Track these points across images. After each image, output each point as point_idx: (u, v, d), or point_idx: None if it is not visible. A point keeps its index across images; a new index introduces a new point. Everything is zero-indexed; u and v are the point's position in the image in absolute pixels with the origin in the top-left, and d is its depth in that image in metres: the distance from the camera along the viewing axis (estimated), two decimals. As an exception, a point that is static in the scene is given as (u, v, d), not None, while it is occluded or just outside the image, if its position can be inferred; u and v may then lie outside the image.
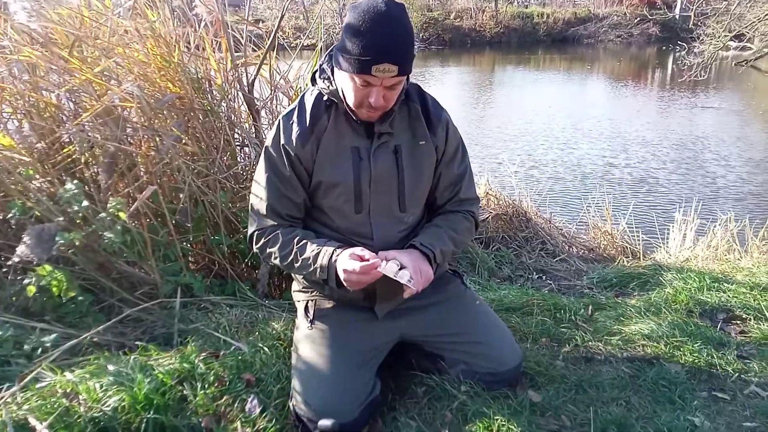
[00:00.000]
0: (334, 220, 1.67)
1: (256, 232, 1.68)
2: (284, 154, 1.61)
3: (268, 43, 2.48)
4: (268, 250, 1.64)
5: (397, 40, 1.42)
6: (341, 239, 1.65)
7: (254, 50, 2.56)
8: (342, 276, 1.50)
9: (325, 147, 1.60)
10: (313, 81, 1.65)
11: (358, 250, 1.52)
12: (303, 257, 1.57)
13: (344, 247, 1.55)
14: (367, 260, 1.48)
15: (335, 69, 1.54)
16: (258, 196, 1.67)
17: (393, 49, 1.41)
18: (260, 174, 1.67)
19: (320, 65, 1.63)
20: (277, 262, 1.64)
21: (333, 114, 1.61)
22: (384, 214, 1.66)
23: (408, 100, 1.66)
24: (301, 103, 1.64)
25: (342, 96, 1.55)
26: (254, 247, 1.70)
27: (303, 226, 1.72)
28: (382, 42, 1.40)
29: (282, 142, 1.61)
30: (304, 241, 1.60)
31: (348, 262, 1.48)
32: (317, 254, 1.55)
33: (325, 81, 1.60)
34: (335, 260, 1.52)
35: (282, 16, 2.50)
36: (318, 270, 1.55)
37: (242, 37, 2.56)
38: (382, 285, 1.57)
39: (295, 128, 1.60)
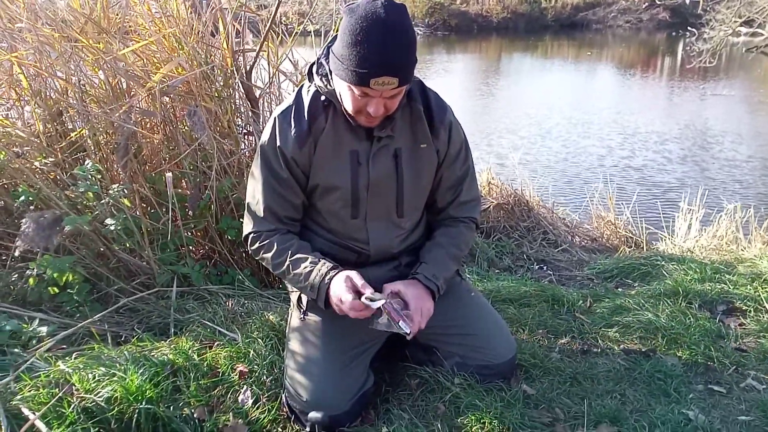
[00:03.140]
0: (330, 222, 1.64)
1: (252, 235, 1.63)
2: (280, 156, 1.53)
3: (266, 28, 2.45)
4: (263, 255, 1.61)
5: (397, 50, 1.31)
6: (336, 242, 1.64)
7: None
8: (332, 300, 1.48)
9: (322, 149, 1.53)
10: (310, 76, 1.54)
11: (355, 276, 1.47)
12: (295, 272, 1.54)
13: (338, 269, 1.51)
14: (361, 293, 1.43)
15: (333, 73, 1.43)
16: (254, 197, 1.61)
17: (393, 61, 1.31)
18: (256, 173, 1.60)
19: (318, 59, 1.52)
20: (270, 268, 1.61)
21: (331, 115, 1.52)
22: (381, 219, 1.63)
23: (410, 100, 1.56)
24: (298, 101, 1.55)
25: (340, 99, 1.46)
26: (249, 248, 1.66)
27: (301, 226, 1.69)
28: (381, 55, 1.29)
29: (278, 143, 1.53)
30: (298, 255, 1.55)
31: (340, 289, 1.45)
32: (309, 272, 1.51)
33: (323, 79, 1.49)
34: (327, 283, 1.48)
35: (280, 2, 2.46)
36: (308, 288, 1.52)
37: (242, 24, 2.53)
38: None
39: (292, 129, 1.51)
